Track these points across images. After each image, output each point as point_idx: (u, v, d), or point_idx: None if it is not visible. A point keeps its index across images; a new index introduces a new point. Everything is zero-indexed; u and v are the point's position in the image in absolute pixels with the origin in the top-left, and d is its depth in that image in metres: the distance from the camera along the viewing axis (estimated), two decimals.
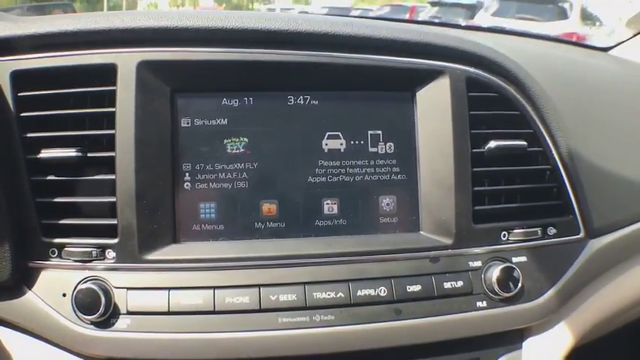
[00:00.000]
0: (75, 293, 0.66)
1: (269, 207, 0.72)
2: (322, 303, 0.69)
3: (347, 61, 0.73)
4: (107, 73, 0.69)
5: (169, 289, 0.68)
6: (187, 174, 0.71)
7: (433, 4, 9.00)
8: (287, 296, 0.68)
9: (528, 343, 0.79)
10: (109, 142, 0.69)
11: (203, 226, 0.71)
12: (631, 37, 1.25)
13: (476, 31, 1.15)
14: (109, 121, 0.69)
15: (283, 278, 0.69)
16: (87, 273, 0.68)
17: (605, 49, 1.29)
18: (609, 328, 0.99)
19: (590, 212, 0.80)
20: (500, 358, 0.77)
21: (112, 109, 0.68)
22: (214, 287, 0.68)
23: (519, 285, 0.73)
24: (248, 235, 0.72)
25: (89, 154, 0.69)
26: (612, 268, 0.87)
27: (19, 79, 0.68)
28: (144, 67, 0.69)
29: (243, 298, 0.67)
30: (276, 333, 0.68)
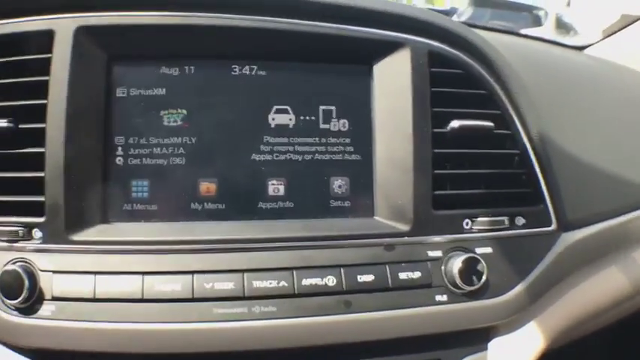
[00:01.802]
0: (0, 276, 0.61)
1: (207, 186, 0.67)
2: (263, 293, 0.63)
3: (298, 28, 0.68)
4: (44, 41, 0.65)
5: (95, 273, 0.62)
6: (120, 148, 0.66)
7: None
8: (223, 284, 0.63)
9: (494, 344, 0.74)
10: (42, 113, 0.64)
11: (135, 205, 0.66)
12: (604, 38, 1.25)
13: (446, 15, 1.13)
14: (44, 90, 0.65)
15: (220, 265, 0.64)
16: (14, 254, 0.63)
17: (580, 48, 1.29)
18: (584, 332, 0.95)
19: (563, 203, 0.76)
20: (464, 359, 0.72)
21: (46, 78, 0.65)
22: (143, 273, 0.62)
23: (484, 278, 0.68)
24: (183, 216, 0.67)
25: (20, 126, 0.64)
26: (586, 266, 0.82)
27: None
28: (82, 33, 0.65)
29: (174, 285, 0.62)
30: (211, 325, 0.62)
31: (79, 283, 0.62)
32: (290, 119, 0.69)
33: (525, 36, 1.27)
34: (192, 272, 0.63)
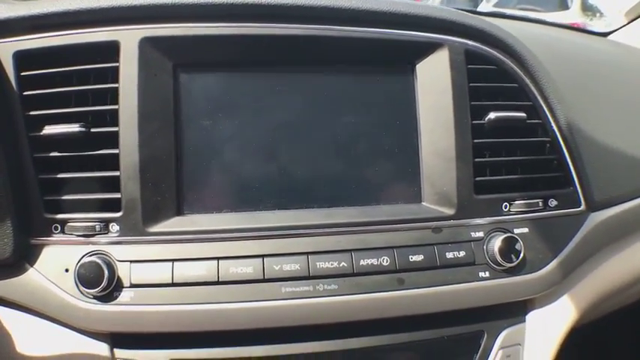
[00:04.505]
0: (77, 268, 0.66)
1: (271, 179, 0.72)
2: (325, 272, 0.69)
3: (347, 34, 0.73)
4: (110, 51, 0.69)
5: (173, 260, 0.68)
6: (190, 147, 0.71)
7: None
8: (290, 266, 0.68)
9: (532, 316, 0.80)
10: (113, 118, 0.69)
11: (207, 198, 0.71)
12: (627, 23, 1.27)
13: (478, 16, 1.15)
14: (112, 96, 0.69)
15: (286, 248, 0.69)
16: (90, 247, 0.68)
17: (604, 34, 1.31)
18: (611, 307, 1.00)
19: (591, 185, 0.81)
20: (504, 331, 0.77)
21: (115, 85, 0.69)
22: (218, 258, 0.68)
23: (521, 256, 0.74)
24: (251, 207, 0.72)
25: (92, 130, 0.69)
26: (614, 243, 0.87)
27: (22, 59, 0.69)
28: (146, 43, 0.69)
29: (246, 269, 0.68)
30: (280, 303, 0.68)
31: (157, 270, 0.67)
32: (343, 116, 0.74)
33: (551, 24, 1.28)
34: (263, 256, 0.68)
